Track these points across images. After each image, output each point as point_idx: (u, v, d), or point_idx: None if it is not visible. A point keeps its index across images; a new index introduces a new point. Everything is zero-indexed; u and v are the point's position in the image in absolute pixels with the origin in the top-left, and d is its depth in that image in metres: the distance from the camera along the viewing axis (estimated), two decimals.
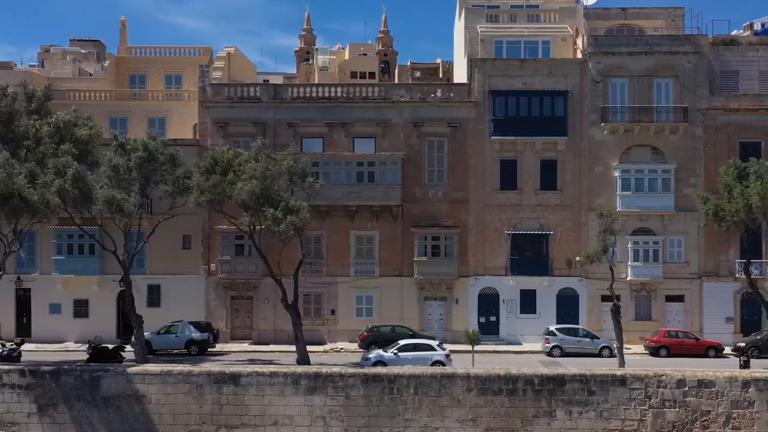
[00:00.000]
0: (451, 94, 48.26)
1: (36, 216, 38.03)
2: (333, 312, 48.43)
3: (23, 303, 48.92)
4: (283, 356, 43.27)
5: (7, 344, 39.62)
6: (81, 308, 48.79)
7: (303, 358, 38.80)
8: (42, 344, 46.94)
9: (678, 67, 47.79)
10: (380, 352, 39.19)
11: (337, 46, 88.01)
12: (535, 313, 47.92)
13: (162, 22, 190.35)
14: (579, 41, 48.97)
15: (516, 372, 35.28)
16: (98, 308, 48.77)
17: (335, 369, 35.92)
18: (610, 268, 38.94)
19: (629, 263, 47.25)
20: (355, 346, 46.04)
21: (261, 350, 45.85)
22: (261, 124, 48.27)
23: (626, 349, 45.51)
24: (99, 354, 38.93)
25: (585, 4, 52.26)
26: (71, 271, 47.79)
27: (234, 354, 44.90)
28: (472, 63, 48.13)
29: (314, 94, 48.66)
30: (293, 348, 46.29)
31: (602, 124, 47.66)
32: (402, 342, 39.79)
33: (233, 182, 37.83)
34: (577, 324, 46.96)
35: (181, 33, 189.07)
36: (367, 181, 47.49)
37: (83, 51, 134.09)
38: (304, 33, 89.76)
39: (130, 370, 35.68)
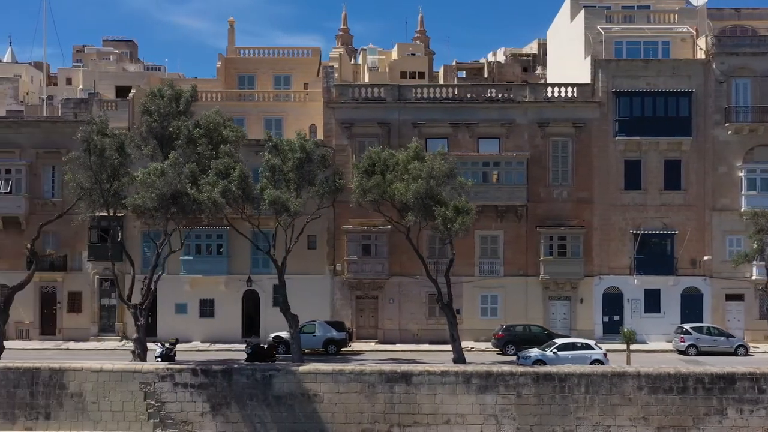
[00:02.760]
0: (575, 95, 48.44)
1: (200, 215, 38.35)
2: (458, 311, 48.24)
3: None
4: (421, 356, 43.57)
5: (165, 344, 39.76)
6: (206, 308, 49.08)
7: (459, 357, 39.01)
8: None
9: None
10: (540, 351, 39.38)
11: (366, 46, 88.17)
12: (659, 312, 48.14)
13: (162, 22, 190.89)
14: (701, 42, 49.14)
15: (686, 371, 35.65)
16: (224, 308, 49.04)
17: (505, 368, 36.22)
18: (766, 269, 39.12)
19: (754, 263, 47.34)
20: (485, 345, 46.27)
21: (395, 350, 46.10)
22: (386, 124, 48.53)
23: (754, 347, 46.06)
24: (258, 353, 39.15)
25: (694, 4, 52.37)
26: (199, 271, 48.06)
27: (369, 353, 45.08)
28: (596, 63, 48.36)
29: (438, 95, 48.91)
30: (426, 347, 47.13)
31: (726, 125, 47.87)
32: (560, 341, 40.06)
33: (391, 182, 38.09)
34: (701, 323, 47.20)
35: (181, 33, 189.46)
36: (492, 182, 47.72)
37: (117, 51, 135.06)
38: (341, 33, 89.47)
39: (301, 369, 35.97)
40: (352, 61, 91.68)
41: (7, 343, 47.58)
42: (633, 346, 46.07)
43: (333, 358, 42.23)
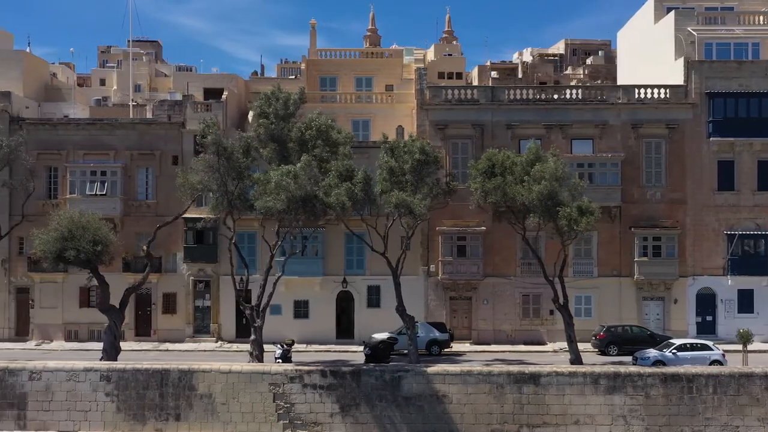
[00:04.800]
0: (668, 96, 48.59)
1: (324, 218, 38.57)
2: (551, 312, 48.62)
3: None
4: (524, 356, 43.81)
5: (284, 345, 39.92)
6: (301, 309, 49.24)
7: (577, 358, 39.23)
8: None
9: None
10: (658, 351, 39.50)
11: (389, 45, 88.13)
12: (752, 312, 48.25)
13: (162, 22, 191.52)
14: None
15: None
16: (318, 309, 49.24)
17: (632, 369, 36.44)
18: None
19: None
20: (581, 345, 46.23)
21: (494, 350, 46.24)
22: (479, 125, 48.70)
23: None
24: (376, 353, 39.30)
25: None
26: (294, 272, 47.96)
27: (470, 354, 45.30)
28: (690, 65, 48.51)
29: (532, 96, 49.07)
30: (522, 348, 47.33)
31: None
32: (677, 341, 40.20)
33: (512, 184, 38.27)
34: None
35: (181, 32, 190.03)
36: (587, 183, 47.79)
37: (142, 51, 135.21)
38: (369, 33, 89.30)
39: (430, 370, 36.16)
40: None
41: (96, 344, 48.13)
42: (724, 347, 46.39)
43: (438, 359, 42.40)
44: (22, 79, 52.83)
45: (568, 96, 49.05)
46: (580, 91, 49.58)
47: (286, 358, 39.20)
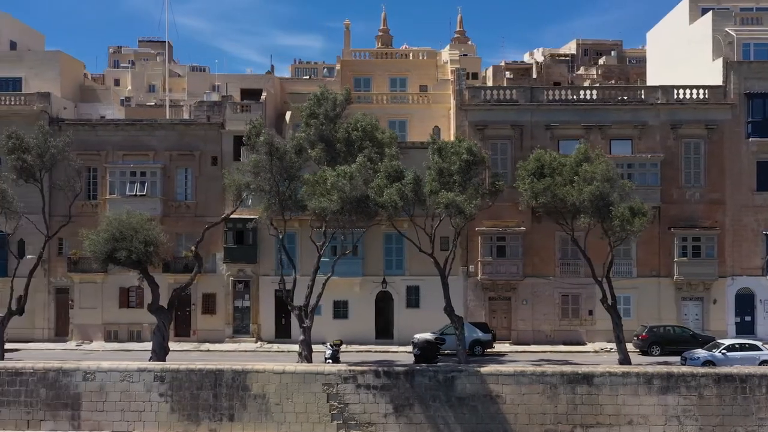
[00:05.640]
0: (707, 96, 48.65)
1: (373, 219, 38.68)
2: (590, 312, 48.84)
3: (282, 304, 49.10)
4: (568, 356, 43.83)
5: (332, 345, 39.98)
6: (340, 309, 49.27)
7: (625, 359, 39.25)
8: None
9: None
10: (707, 351, 39.55)
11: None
12: None
13: (162, 21, 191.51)
14: None
15: None
16: (358, 309, 49.32)
17: (685, 369, 36.50)
18: None
19: None
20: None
21: (535, 350, 46.33)
22: (518, 126, 48.78)
23: None
24: (425, 353, 39.36)
25: None
26: (334, 272, 48.01)
27: (512, 354, 45.36)
28: (728, 66, 48.57)
29: (571, 97, 49.14)
30: (562, 348, 47.38)
31: None
32: (726, 342, 40.24)
33: (560, 185, 38.33)
34: None
35: (181, 32, 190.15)
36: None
37: (153, 51, 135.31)
38: (380, 33, 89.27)
39: (483, 370, 36.24)
40: None
41: (139, 345, 48.32)
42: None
43: (482, 359, 42.40)
44: (60, 80, 52.84)
45: (606, 96, 49.08)
46: (620, 91, 49.56)
47: (335, 358, 39.27)
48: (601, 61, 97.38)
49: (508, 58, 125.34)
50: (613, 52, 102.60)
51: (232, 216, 46.63)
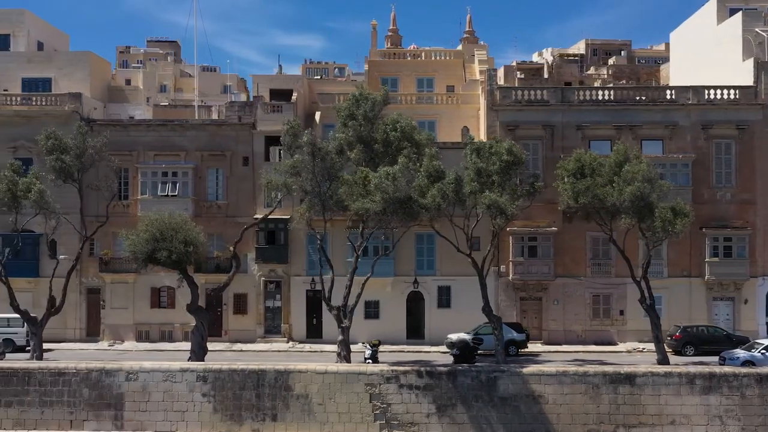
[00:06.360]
0: (737, 97, 48.72)
1: (415, 220, 38.74)
2: (621, 312, 48.94)
3: (313, 304, 49.45)
4: (602, 356, 43.92)
5: (372, 346, 40.02)
6: (371, 309, 49.28)
7: (664, 359, 39.33)
8: (331, 344, 47.28)
9: None
10: (746, 351, 39.60)
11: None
12: None
13: (162, 21, 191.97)
14: None
15: None
16: (389, 309, 49.37)
17: (727, 369, 36.56)
18: None
19: None
20: (651, 346, 46.44)
21: (568, 350, 46.38)
22: (549, 126, 48.88)
23: None
24: (464, 354, 39.41)
25: None
26: (366, 273, 48.10)
27: (546, 354, 45.41)
28: (759, 66, 48.64)
29: (602, 97, 49.21)
30: (594, 348, 47.44)
31: None
32: (766, 342, 40.26)
33: (600, 185, 38.39)
34: None
35: (181, 32, 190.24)
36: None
37: (162, 51, 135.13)
38: (390, 34, 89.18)
39: (525, 371, 36.30)
40: None
41: (171, 345, 48.39)
42: None
43: (517, 360, 42.47)
44: (89, 80, 52.91)
45: (636, 97, 49.15)
46: (651, 92, 49.64)
47: (374, 358, 39.33)
48: (611, 61, 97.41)
49: (511, 58, 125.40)
50: (622, 52, 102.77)
51: (262, 216, 46.88)
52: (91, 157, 40.78)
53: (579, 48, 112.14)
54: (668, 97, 49.20)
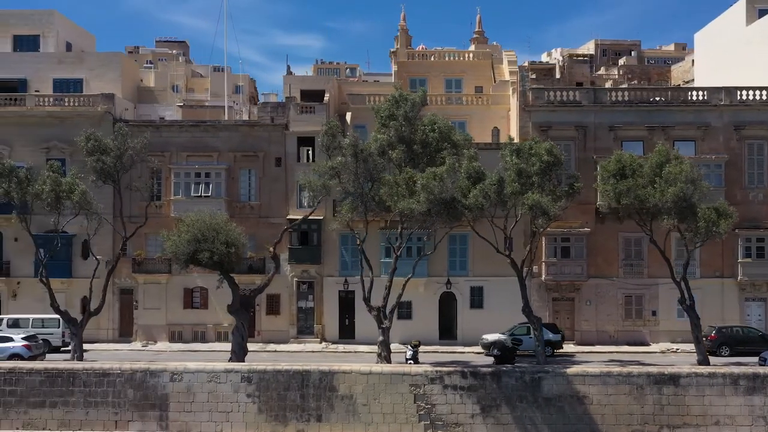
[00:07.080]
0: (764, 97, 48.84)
1: (458, 220, 38.85)
2: (654, 313, 49.03)
3: (346, 305, 49.57)
4: (638, 357, 43.97)
5: (413, 347, 40.05)
6: (404, 310, 49.20)
7: (704, 359, 39.35)
8: (364, 345, 47.41)
9: None
10: None
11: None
12: None
13: (162, 21, 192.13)
14: None
15: None
16: (421, 310, 49.45)
17: None
18: None
19: None
20: (686, 346, 46.52)
21: (603, 351, 46.42)
22: (582, 127, 48.95)
23: None
24: (506, 354, 39.45)
25: None
26: (398, 273, 48.00)
27: (581, 355, 45.48)
28: None
29: (634, 98, 49.27)
30: (627, 348, 47.64)
31: None
32: None
33: (641, 186, 38.44)
34: None
35: (181, 32, 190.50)
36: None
37: (171, 51, 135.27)
38: (399, 34, 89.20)
39: (569, 371, 36.39)
40: None
41: (204, 345, 48.50)
42: None
43: (553, 360, 42.47)
44: (120, 81, 53.00)
45: (668, 98, 49.23)
46: (683, 92, 49.71)
47: (415, 359, 39.38)
48: (621, 62, 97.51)
49: (518, 58, 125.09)
50: (633, 52, 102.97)
51: (296, 217, 47.01)
52: (131, 158, 40.83)
53: (588, 48, 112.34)
54: (700, 98, 49.21)
